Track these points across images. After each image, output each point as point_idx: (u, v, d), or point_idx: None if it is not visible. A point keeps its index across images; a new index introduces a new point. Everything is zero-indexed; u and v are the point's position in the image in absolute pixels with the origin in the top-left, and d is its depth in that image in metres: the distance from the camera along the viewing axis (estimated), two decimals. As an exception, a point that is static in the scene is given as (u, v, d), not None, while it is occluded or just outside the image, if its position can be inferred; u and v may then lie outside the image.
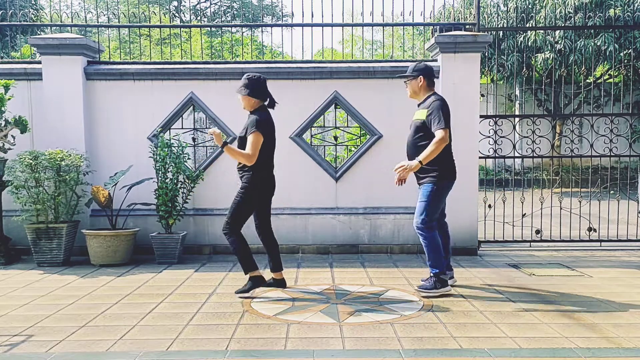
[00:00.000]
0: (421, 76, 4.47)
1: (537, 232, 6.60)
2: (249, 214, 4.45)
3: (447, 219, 6.08)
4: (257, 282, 4.41)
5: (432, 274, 4.40)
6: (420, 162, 4.26)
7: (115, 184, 5.81)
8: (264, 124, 4.30)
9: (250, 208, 4.44)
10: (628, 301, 4.21)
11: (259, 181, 4.38)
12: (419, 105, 4.58)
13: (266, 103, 4.46)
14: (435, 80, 4.65)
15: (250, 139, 4.25)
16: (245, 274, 4.43)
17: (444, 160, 4.37)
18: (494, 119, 6.47)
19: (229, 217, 4.39)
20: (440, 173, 4.36)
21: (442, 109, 4.32)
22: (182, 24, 23.42)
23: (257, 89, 4.36)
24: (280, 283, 4.58)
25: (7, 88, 5.71)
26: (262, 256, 6.15)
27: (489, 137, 6.41)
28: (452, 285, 4.57)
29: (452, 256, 6.01)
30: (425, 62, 4.61)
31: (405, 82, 4.61)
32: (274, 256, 4.57)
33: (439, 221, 4.55)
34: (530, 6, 14.21)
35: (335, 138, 6.57)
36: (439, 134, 4.26)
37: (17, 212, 5.80)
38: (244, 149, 4.28)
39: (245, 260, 4.41)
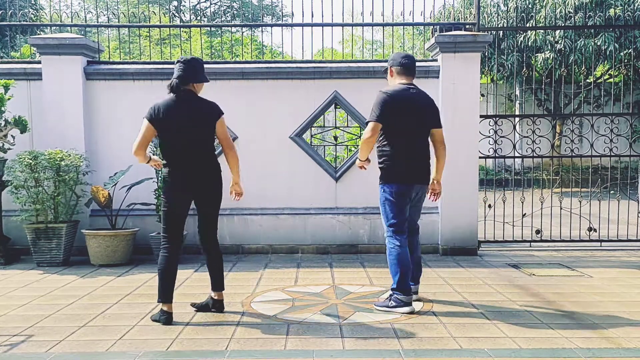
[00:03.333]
0: (390, 68, 4.14)
1: (537, 232, 6.60)
2: (173, 218, 3.77)
3: (446, 219, 6.12)
4: (162, 316, 3.67)
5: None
6: (358, 158, 4.10)
7: (115, 184, 5.80)
8: (150, 109, 3.77)
9: (170, 211, 3.76)
10: (628, 301, 4.21)
11: (168, 178, 3.74)
12: None
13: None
14: (399, 74, 4.10)
15: None
16: (158, 301, 3.71)
17: (393, 160, 3.95)
18: (494, 118, 6.46)
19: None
20: (386, 175, 3.99)
21: (379, 102, 3.93)
22: (182, 24, 23.41)
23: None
24: (218, 305, 3.91)
25: (7, 88, 5.71)
26: (260, 257, 6.16)
27: (489, 137, 6.40)
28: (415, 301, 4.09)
29: (452, 256, 6.04)
30: (399, 54, 4.19)
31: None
32: (215, 272, 3.93)
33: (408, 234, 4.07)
34: (530, 6, 14.21)
35: (335, 138, 6.57)
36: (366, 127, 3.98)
37: (16, 212, 5.79)
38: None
39: (160, 283, 3.70)
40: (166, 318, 3.65)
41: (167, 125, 3.72)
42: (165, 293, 3.68)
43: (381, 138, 4.01)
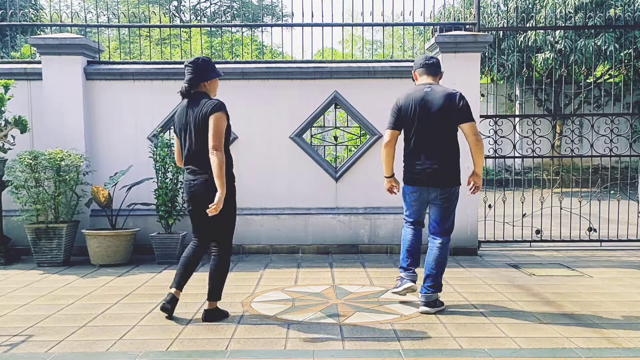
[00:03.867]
0: (413, 72, 4.21)
1: (537, 232, 6.60)
2: (191, 218, 3.78)
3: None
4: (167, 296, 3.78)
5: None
6: (383, 175, 4.26)
7: (115, 184, 5.81)
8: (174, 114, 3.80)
9: (189, 211, 3.78)
10: (628, 301, 4.21)
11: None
12: None
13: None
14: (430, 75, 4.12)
15: None
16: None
17: (404, 162, 4.07)
18: (494, 118, 6.46)
19: None
20: (403, 175, 4.10)
21: (391, 108, 4.02)
22: (182, 24, 23.42)
23: None
24: (207, 315, 3.76)
25: (7, 88, 5.71)
26: (261, 256, 6.17)
27: (489, 137, 6.40)
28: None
29: (452, 256, 6.02)
30: (421, 57, 4.22)
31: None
32: (210, 279, 3.80)
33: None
34: (530, 6, 14.20)
35: (335, 138, 6.57)
36: None
37: (17, 212, 5.80)
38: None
39: (177, 270, 3.82)
40: (169, 298, 3.75)
41: (178, 129, 3.73)
42: (176, 279, 3.78)
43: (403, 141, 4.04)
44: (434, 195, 3.94)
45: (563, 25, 13.11)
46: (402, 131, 4.03)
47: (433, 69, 4.04)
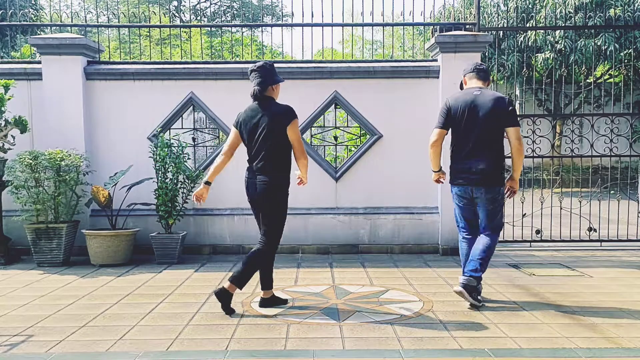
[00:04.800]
0: (463, 77, 4.31)
1: (537, 232, 6.60)
2: (255, 215, 4.06)
3: (446, 219, 6.12)
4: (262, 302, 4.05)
5: None
6: (431, 169, 4.33)
7: (115, 184, 5.81)
8: (237, 117, 3.97)
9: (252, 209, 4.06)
10: (628, 301, 4.21)
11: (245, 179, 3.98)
12: None
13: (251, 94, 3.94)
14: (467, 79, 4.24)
15: None
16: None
17: (451, 163, 4.20)
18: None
19: None
20: (450, 175, 4.23)
21: (440, 109, 4.20)
22: (182, 24, 23.42)
23: None
24: (263, 302, 4.04)
25: (7, 88, 5.71)
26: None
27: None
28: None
29: (452, 256, 6.04)
30: (472, 63, 4.33)
31: None
32: (260, 272, 4.02)
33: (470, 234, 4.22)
34: (530, 6, 14.21)
35: (335, 138, 6.57)
36: None
37: (17, 212, 5.80)
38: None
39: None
40: (218, 290, 3.87)
41: (246, 131, 3.86)
42: (261, 282, 4.04)
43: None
44: (479, 194, 4.04)
45: (563, 25, 13.12)
46: (450, 131, 4.16)
47: (483, 74, 4.18)
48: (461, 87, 4.30)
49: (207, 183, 4.03)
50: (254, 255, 3.89)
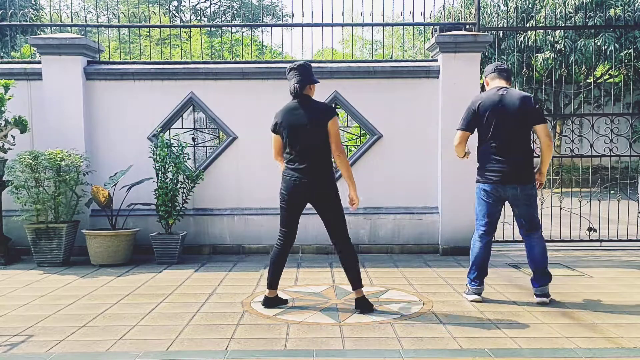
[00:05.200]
0: (485, 78, 4.35)
1: (538, 232, 6.58)
2: (284, 213, 4.03)
3: (446, 219, 6.12)
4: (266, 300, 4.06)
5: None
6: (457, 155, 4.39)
7: (115, 184, 5.81)
8: (273, 119, 3.98)
9: (282, 205, 4.01)
10: (628, 301, 4.21)
11: (282, 178, 3.98)
12: None
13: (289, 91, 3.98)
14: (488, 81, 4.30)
15: None
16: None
17: (480, 161, 4.22)
18: (494, 118, 6.44)
19: None
20: (477, 174, 4.27)
21: (466, 110, 4.19)
22: (182, 24, 23.42)
23: None
24: (358, 303, 3.94)
25: (7, 88, 5.71)
26: (261, 256, 6.19)
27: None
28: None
29: (452, 256, 6.04)
30: (493, 64, 4.33)
31: None
32: (347, 270, 3.97)
33: (521, 236, 4.27)
34: (530, 6, 14.20)
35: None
36: None
37: (17, 212, 5.80)
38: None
39: (268, 272, 4.07)
40: (263, 300, 4.04)
41: (288, 129, 3.87)
42: (269, 280, 4.03)
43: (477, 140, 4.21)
44: (513, 193, 4.07)
45: (563, 25, 13.11)
46: (477, 132, 4.19)
47: (505, 73, 4.22)
48: (482, 89, 4.34)
49: None
50: (346, 257, 3.97)
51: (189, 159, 6.06)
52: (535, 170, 4.20)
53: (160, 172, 5.81)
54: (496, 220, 4.24)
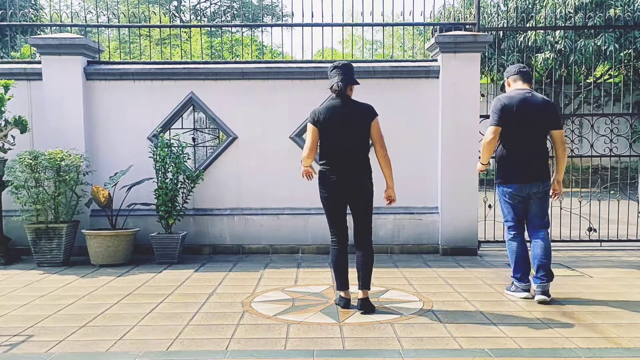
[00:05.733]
0: (506, 79, 4.43)
1: (538, 232, 6.58)
2: (330, 213, 4.04)
3: (447, 219, 6.12)
4: (340, 301, 4.04)
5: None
6: (480, 162, 4.43)
7: (115, 184, 5.81)
8: (312, 114, 3.94)
9: (326, 206, 4.04)
10: (628, 301, 4.21)
11: (320, 175, 3.99)
12: None
13: (332, 88, 3.97)
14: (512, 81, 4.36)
15: None
16: (337, 289, 4.08)
17: (502, 162, 4.27)
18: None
19: None
20: (498, 176, 4.32)
21: (496, 107, 4.19)
22: (182, 24, 23.43)
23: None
24: (362, 303, 3.93)
25: (7, 88, 5.71)
26: (261, 256, 6.18)
27: (489, 137, 6.39)
28: (526, 298, 4.26)
29: (452, 256, 6.04)
30: (515, 65, 4.42)
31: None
32: (361, 269, 4.01)
33: (528, 233, 4.36)
34: (530, 6, 14.20)
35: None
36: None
37: (17, 212, 5.80)
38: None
39: (335, 274, 4.04)
40: (344, 303, 3.98)
41: (329, 127, 3.87)
42: (340, 281, 4.00)
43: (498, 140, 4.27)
44: (535, 190, 4.20)
45: (563, 25, 13.11)
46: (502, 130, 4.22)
47: (527, 76, 4.33)
48: (502, 89, 4.35)
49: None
50: (367, 257, 4.03)
51: (189, 159, 6.06)
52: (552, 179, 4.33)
53: (160, 172, 5.81)
54: (523, 216, 4.32)
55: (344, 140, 3.88)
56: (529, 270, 4.29)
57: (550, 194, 4.33)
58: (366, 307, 3.91)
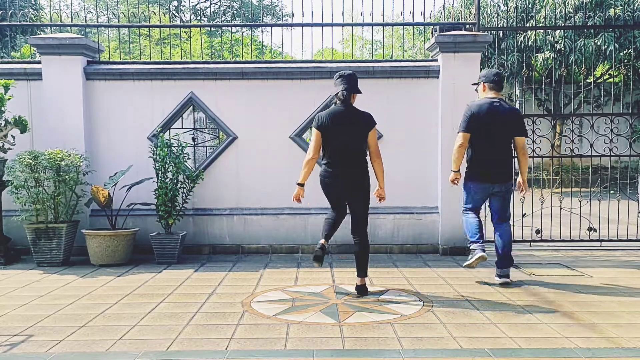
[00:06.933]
0: (483, 83, 4.82)
1: (537, 232, 6.60)
2: (331, 202, 4.53)
3: (446, 219, 6.12)
4: (317, 244, 4.41)
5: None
6: (452, 170, 4.83)
7: (115, 184, 5.81)
8: (317, 119, 4.32)
9: (328, 198, 4.51)
10: (628, 301, 4.21)
11: (321, 173, 4.42)
12: None
13: (337, 96, 4.34)
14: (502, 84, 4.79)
15: None
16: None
17: (470, 162, 4.78)
18: (494, 118, 6.44)
19: None
20: (466, 173, 4.81)
21: (467, 114, 4.67)
22: (182, 24, 23.42)
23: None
24: (359, 289, 4.38)
25: (7, 88, 5.71)
26: (261, 256, 6.18)
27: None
28: (501, 285, 4.72)
29: (452, 256, 6.04)
30: (490, 72, 4.84)
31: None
32: (358, 260, 4.41)
33: (493, 225, 4.88)
34: (530, 6, 14.20)
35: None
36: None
37: (16, 212, 5.80)
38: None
39: (324, 227, 4.50)
40: (319, 247, 4.32)
41: (332, 131, 4.26)
42: (326, 233, 4.44)
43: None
44: (497, 189, 4.73)
45: (563, 25, 13.11)
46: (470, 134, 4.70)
47: (500, 85, 4.78)
48: (477, 88, 4.89)
49: (301, 185, 4.49)
50: (363, 247, 4.42)
51: (188, 159, 6.06)
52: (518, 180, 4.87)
53: (160, 172, 5.81)
54: (480, 209, 4.88)
55: (346, 143, 4.28)
56: (483, 234, 4.75)
57: (520, 192, 4.92)
58: (360, 291, 4.37)
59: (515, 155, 4.81)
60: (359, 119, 4.30)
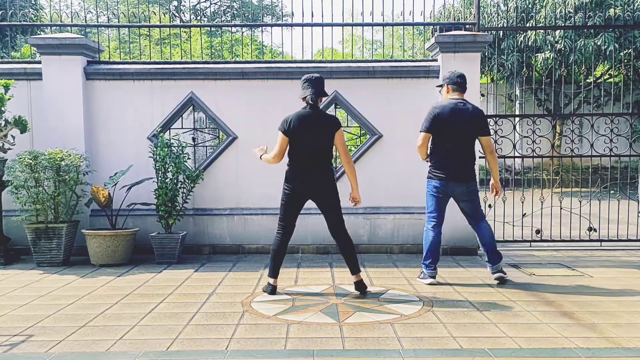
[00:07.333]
0: (447, 85, 4.87)
1: (537, 232, 6.60)
2: (288, 207, 4.42)
3: (446, 219, 6.11)
4: (268, 287, 4.45)
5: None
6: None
7: (115, 184, 5.81)
8: (284, 123, 4.34)
9: (286, 201, 4.41)
10: (628, 301, 4.21)
11: (288, 173, 4.40)
12: None
13: (305, 100, 4.40)
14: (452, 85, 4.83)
15: None
16: (268, 275, 4.47)
17: (433, 161, 4.82)
18: (494, 118, 6.46)
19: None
20: (428, 171, 4.85)
21: (429, 115, 4.72)
22: (182, 24, 23.43)
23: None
24: (358, 286, 4.45)
25: (7, 88, 5.71)
26: (261, 256, 6.18)
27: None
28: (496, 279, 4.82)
29: (452, 256, 6.04)
30: (453, 74, 4.87)
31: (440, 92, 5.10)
32: (347, 258, 4.49)
33: (472, 227, 4.92)
34: (530, 6, 14.20)
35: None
36: None
37: (16, 212, 5.80)
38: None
39: (271, 262, 4.43)
40: (270, 290, 4.38)
41: (300, 134, 4.29)
42: (273, 270, 4.40)
43: (431, 143, 4.80)
44: (460, 190, 4.74)
45: (563, 25, 13.11)
46: (433, 136, 4.76)
47: (463, 87, 4.82)
48: (441, 90, 4.96)
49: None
50: (347, 245, 4.50)
51: (189, 159, 6.06)
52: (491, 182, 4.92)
53: (160, 172, 5.81)
54: (444, 212, 4.85)
55: (313, 145, 4.34)
56: (437, 260, 4.81)
57: (493, 194, 4.93)
58: (360, 287, 4.42)
59: (484, 155, 4.87)
60: (326, 122, 4.39)
